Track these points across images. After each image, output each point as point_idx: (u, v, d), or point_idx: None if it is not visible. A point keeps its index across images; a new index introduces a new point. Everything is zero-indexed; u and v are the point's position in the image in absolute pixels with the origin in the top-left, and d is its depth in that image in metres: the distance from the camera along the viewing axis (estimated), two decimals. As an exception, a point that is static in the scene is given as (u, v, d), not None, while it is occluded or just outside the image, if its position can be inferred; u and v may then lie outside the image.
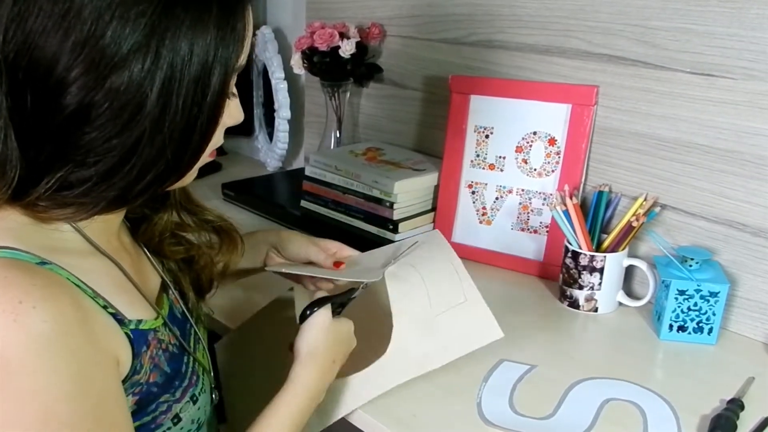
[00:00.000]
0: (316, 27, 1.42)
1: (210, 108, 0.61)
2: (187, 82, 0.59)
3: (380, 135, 1.53)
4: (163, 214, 0.78)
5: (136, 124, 0.58)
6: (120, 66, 0.56)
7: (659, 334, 1.02)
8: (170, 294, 0.77)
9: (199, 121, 0.61)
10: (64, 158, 0.58)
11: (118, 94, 0.56)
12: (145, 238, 0.78)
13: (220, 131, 0.66)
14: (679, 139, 1.06)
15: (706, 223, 1.05)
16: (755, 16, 0.95)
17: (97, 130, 0.57)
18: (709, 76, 1.01)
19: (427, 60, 1.40)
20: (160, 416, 0.68)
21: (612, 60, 1.11)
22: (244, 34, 0.63)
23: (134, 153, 0.59)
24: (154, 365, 0.67)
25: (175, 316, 0.76)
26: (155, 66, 0.57)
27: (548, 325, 1.05)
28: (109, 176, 0.59)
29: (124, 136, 0.58)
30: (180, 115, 0.59)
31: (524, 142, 1.21)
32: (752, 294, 1.01)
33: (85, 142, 0.58)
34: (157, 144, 0.59)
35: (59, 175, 0.58)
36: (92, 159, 0.58)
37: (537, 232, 1.21)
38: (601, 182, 1.15)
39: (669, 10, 1.03)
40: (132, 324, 0.65)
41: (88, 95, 0.56)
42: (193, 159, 0.64)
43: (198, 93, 0.59)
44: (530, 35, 1.21)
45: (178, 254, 0.81)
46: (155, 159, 0.60)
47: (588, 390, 0.90)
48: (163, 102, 0.58)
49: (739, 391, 0.89)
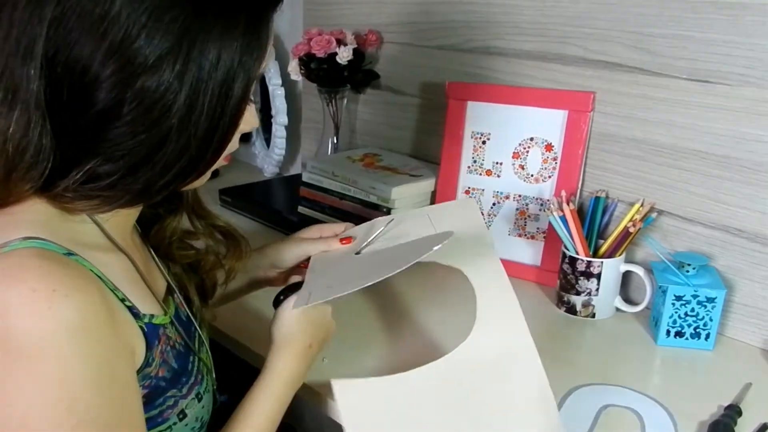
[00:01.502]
0: (313, 34, 1.42)
1: (232, 111, 0.64)
2: (213, 85, 0.61)
3: (377, 141, 1.54)
4: (176, 215, 0.81)
5: (163, 122, 0.60)
6: (152, 68, 0.59)
7: (656, 339, 1.02)
8: (175, 297, 0.79)
9: (222, 123, 0.63)
10: (94, 151, 0.61)
11: (148, 93, 0.59)
12: (156, 240, 0.81)
13: (237, 136, 0.69)
14: (676, 145, 1.06)
15: (702, 229, 1.05)
16: (751, 22, 0.95)
17: (127, 125, 0.60)
18: (706, 83, 1.01)
19: (424, 66, 1.40)
20: (167, 410, 0.69)
21: (609, 66, 1.11)
22: (267, 43, 0.66)
23: (160, 149, 0.61)
24: (163, 360, 0.69)
25: (180, 318, 0.78)
26: (185, 69, 0.60)
27: (545, 331, 1.05)
28: (134, 170, 0.62)
29: (152, 132, 0.60)
30: (204, 117, 0.62)
31: (521, 148, 1.21)
32: (749, 299, 1.02)
33: (115, 136, 0.60)
34: (182, 142, 0.62)
35: (87, 168, 0.61)
36: (120, 153, 0.61)
37: (534, 237, 1.21)
38: (598, 188, 1.15)
39: (665, 17, 1.03)
40: (146, 318, 0.68)
41: (120, 93, 0.59)
42: (213, 159, 0.66)
43: (222, 96, 0.62)
44: (527, 42, 1.21)
45: (186, 258, 0.83)
46: (179, 156, 0.62)
47: (586, 396, 0.90)
48: (189, 103, 0.60)
49: (736, 397, 0.89)
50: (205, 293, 0.86)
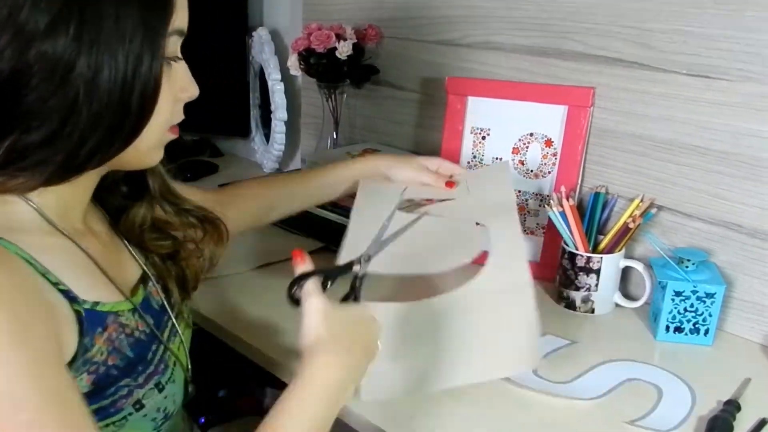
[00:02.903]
0: (312, 28, 1.42)
1: (146, 74, 0.63)
2: (116, 46, 0.61)
3: (377, 136, 1.53)
4: (143, 203, 0.79)
5: (68, 86, 0.60)
6: (45, 33, 0.59)
7: (656, 335, 1.02)
8: (149, 286, 0.78)
9: (135, 86, 0.62)
10: (9, 126, 0.61)
11: (46, 57, 0.59)
12: (126, 229, 0.79)
13: (174, 104, 0.68)
14: (676, 140, 1.06)
15: (702, 225, 1.05)
16: (751, 18, 0.95)
17: (34, 92, 0.60)
18: (705, 78, 1.01)
19: (424, 61, 1.40)
20: (120, 400, 0.68)
21: (608, 62, 1.11)
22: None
23: (72, 114, 0.61)
24: (113, 348, 0.68)
25: (151, 306, 0.77)
26: (80, 30, 0.59)
27: (545, 327, 1.04)
28: (52, 140, 0.61)
29: (60, 98, 0.60)
30: (113, 80, 0.61)
31: (521, 144, 1.21)
32: (748, 295, 1.02)
33: (25, 106, 0.60)
34: (94, 107, 0.61)
35: (7, 144, 0.61)
36: (35, 124, 0.61)
37: (534, 233, 1.21)
38: (598, 184, 1.15)
39: (665, 13, 1.03)
40: (87, 304, 0.66)
41: (19, 61, 0.59)
42: (136, 127, 0.65)
43: (129, 57, 0.61)
44: (527, 37, 1.21)
45: (162, 249, 0.81)
46: (94, 123, 0.62)
47: (614, 369, 0.94)
48: (93, 66, 0.60)
49: (735, 392, 0.89)
50: (185, 284, 0.84)
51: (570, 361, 0.96)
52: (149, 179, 0.78)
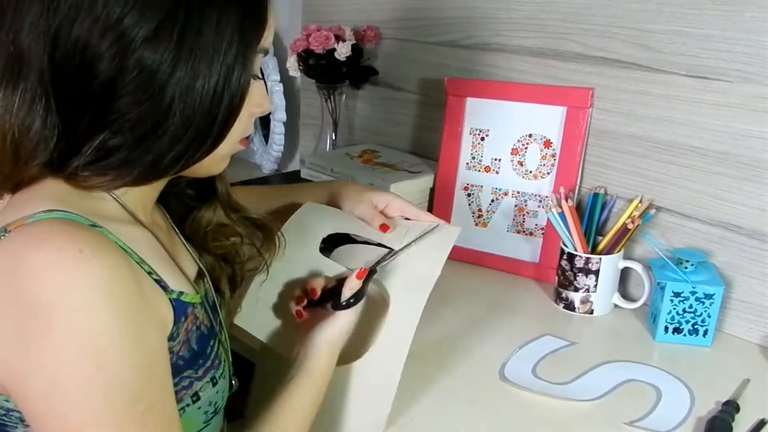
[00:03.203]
0: (311, 29, 1.42)
1: (235, 83, 0.64)
2: (213, 54, 0.62)
3: (376, 137, 1.53)
4: (210, 207, 0.82)
5: (166, 91, 0.61)
6: (149, 38, 0.60)
7: (654, 336, 1.02)
8: (206, 281, 0.80)
9: (225, 95, 0.64)
10: (101, 125, 0.62)
11: (147, 62, 0.60)
12: (192, 230, 0.82)
13: (247, 117, 0.70)
14: (675, 141, 1.06)
15: (701, 225, 1.05)
16: (750, 19, 0.95)
17: (130, 95, 0.61)
18: (705, 79, 1.01)
19: (423, 62, 1.40)
20: (182, 390, 0.69)
21: (607, 63, 1.11)
22: (266, 13, 0.67)
23: (165, 119, 0.62)
24: (186, 339, 0.70)
25: (209, 301, 0.79)
26: (182, 37, 0.61)
27: (544, 327, 1.05)
28: (143, 141, 0.62)
29: (156, 101, 0.61)
30: (207, 87, 0.63)
31: (520, 145, 1.21)
32: (747, 296, 1.02)
33: (120, 107, 0.61)
34: (186, 112, 0.62)
35: (97, 143, 0.62)
36: (127, 125, 0.62)
37: (532, 234, 1.21)
38: (597, 184, 1.15)
39: (664, 14, 1.03)
40: (174, 294, 0.68)
41: (119, 64, 0.60)
42: (220, 134, 0.66)
43: (223, 65, 0.63)
44: (526, 38, 1.21)
45: (221, 249, 0.84)
46: (185, 127, 0.63)
47: (613, 370, 0.94)
48: (191, 71, 0.61)
49: (734, 393, 0.89)
50: (234, 284, 0.87)
51: (569, 362, 0.96)
52: (218, 184, 0.81)
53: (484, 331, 1.03)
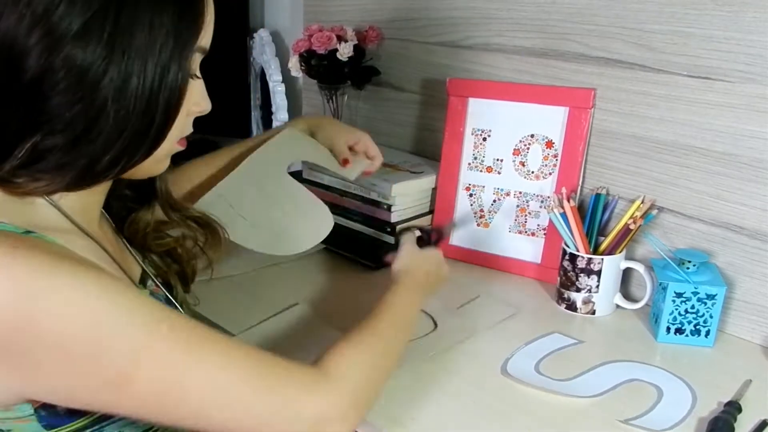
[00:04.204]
0: (313, 30, 1.42)
1: (171, 85, 0.63)
2: (147, 55, 0.61)
3: (378, 138, 1.52)
4: (149, 208, 0.81)
5: (98, 91, 0.60)
6: (78, 35, 0.58)
7: (656, 336, 1.02)
8: (149, 284, 0.79)
9: (161, 97, 0.63)
10: (33, 127, 0.60)
11: (77, 60, 0.59)
12: (131, 232, 0.80)
13: (186, 117, 0.69)
14: (677, 141, 1.06)
15: (703, 226, 1.05)
16: (752, 19, 0.95)
17: (61, 95, 0.59)
18: (707, 79, 1.01)
19: (425, 63, 1.40)
20: None
21: (609, 63, 1.11)
22: (203, 12, 0.65)
23: (98, 121, 0.61)
24: None
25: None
26: (114, 36, 0.59)
27: (546, 328, 1.05)
28: (76, 144, 0.61)
29: (88, 102, 0.60)
30: (141, 89, 0.61)
31: (522, 145, 1.21)
32: (749, 296, 1.02)
33: (51, 108, 0.60)
34: (121, 114, 0.61)
35: (29, 145, 0.60)
36: (59, 126, 0.60)
37: (534, 234, 1.21)
38: (599, 185, 1.15)
39: (666, 14, 1.03)
40: None
41: (48, 61, 0.59)
42: (158, 137, 0.65)
43: (158, 67, 0.62)
44: (528, 38, 1.21)
45: (164, 246, 0.83)
46: (119, 130, 0.62)
47: (614, 369, 0.94)
48: (124, 73, 0.60)
49: (736, 393, 0.89)
50: (185, 279, 0.86)
51: (570, 361, 0.96)
52: (157, 182, 0.80)
53: (485, 331, 1.03)
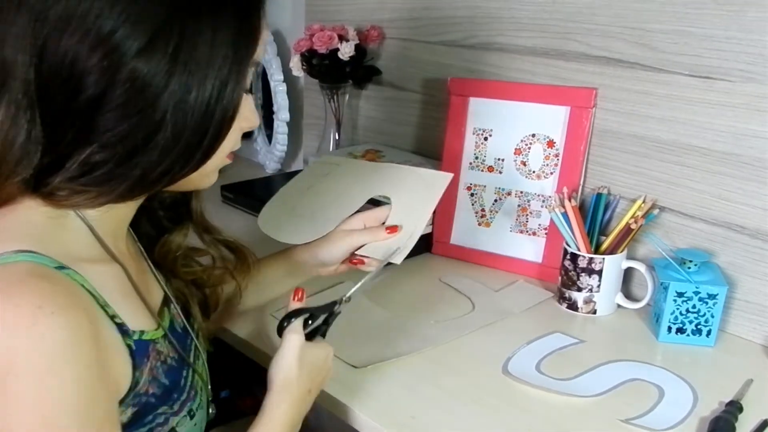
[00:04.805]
0: (315, 29, 1.42)
1: (228, 98, 0.63)
2: (207, 68, 0.61)
3: (379, 137, 1.54)
4: (182, 229, 0.80)
5: (158, 105, 0.60)
6: (142, 51, 0.58)
7: (658, 336, 1.02)
8: (171, 308, 0.77)
9: (217, 109, 0.63)
10: (88, 140, 0.60)
11: (139, 76, 0.59)
12: (161, 255, 0.80)
13: (236, 132, 0.68)
14: (678, 141, 1.06)
15: (704, 225, 1.05)
16: (753, 18, 0.95)
17: (119, 109, 0.59)
18: (707, 79, 1.01)
19: (426, 62, 1.40)
20: (157, 428, 0.67)
21: (610, 62, 1.11)
22: (259, 28, 0.66)
23: (156, 133, 0.61)
24: (153, 377, 0.67)
25: (176, 329, 0.76)
26: (177, 50, 0.59)
27: (547, 328, 1.05)
28: (131, 156, 0.61)
29: (146, 115, 0.60)
30: (200, 101, 0.61)
31: (523, 145, 1.21)
32: (751, 296, 1.02)
33: (107, 121, 0.60)
34: (178, 126, 0.61)
35: (82, 158, 0.60)
36: (115, 139, 0.60)
37: (536, 234, 1.21)
38: (600, 184, 1.15)
39: (667, 13, 1.03)
40: (135, 335, 0.66)
41: (110, 78, 0.59)
42: (209, 149, 0.65)
43: (217, 79, 0.62)
44: (529, 38, 1.21)
45: (191, 275, 0.82)
46: (175, 141, 0.62)
47: (615, 369, 0.94)
48: (184, 85, 0.60)
49: (737, 393, 0.89)
50: (207, 308, 0.85)
51: (571, 360, 0.96)
52: (193, 203, 0.80)
53: (486, 331, 1.03)
